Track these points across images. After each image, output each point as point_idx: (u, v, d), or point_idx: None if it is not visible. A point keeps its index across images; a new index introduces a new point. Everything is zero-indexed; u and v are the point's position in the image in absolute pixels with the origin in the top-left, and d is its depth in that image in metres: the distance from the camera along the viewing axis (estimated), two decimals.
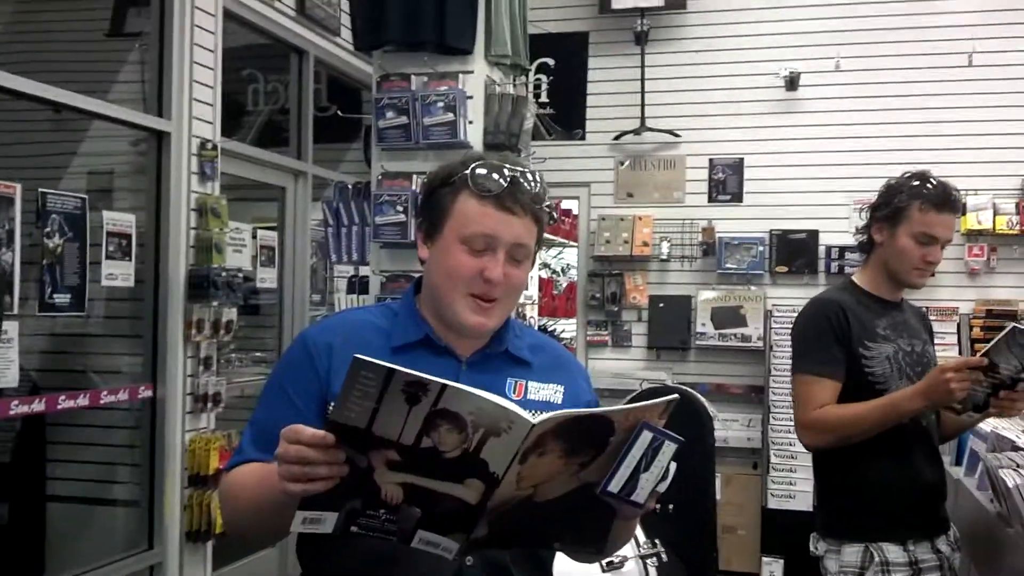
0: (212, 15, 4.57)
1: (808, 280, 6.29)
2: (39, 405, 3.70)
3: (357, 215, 4.63)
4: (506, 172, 1.62)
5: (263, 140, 5.62)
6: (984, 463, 3.04)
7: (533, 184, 1.64)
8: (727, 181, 6.49)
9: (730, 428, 6.24)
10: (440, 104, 4.24)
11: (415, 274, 1.77)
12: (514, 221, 1.62)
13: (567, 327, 7.44)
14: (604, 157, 6.70)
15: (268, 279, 5.19)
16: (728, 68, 6.43)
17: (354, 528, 1.37)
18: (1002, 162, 6.00)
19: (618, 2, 6.40)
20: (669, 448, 1.40)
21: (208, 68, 4.54)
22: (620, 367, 6.52)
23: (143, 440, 4.39)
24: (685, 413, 4.09)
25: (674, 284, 6.55)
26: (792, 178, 6.34)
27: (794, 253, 6.35)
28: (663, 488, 1.44)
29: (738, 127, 6.43)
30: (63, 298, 3.70)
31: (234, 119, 5.37)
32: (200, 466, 4.38)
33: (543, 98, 5.81)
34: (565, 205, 7.11)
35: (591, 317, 6.69)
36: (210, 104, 4.56)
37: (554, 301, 7.73)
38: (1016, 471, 2.70)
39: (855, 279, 2.92)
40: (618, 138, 6.61)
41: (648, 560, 3.28)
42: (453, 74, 4.30)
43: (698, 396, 4.72)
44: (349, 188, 4.71)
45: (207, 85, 4.54)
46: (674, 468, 1.43)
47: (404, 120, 4.29)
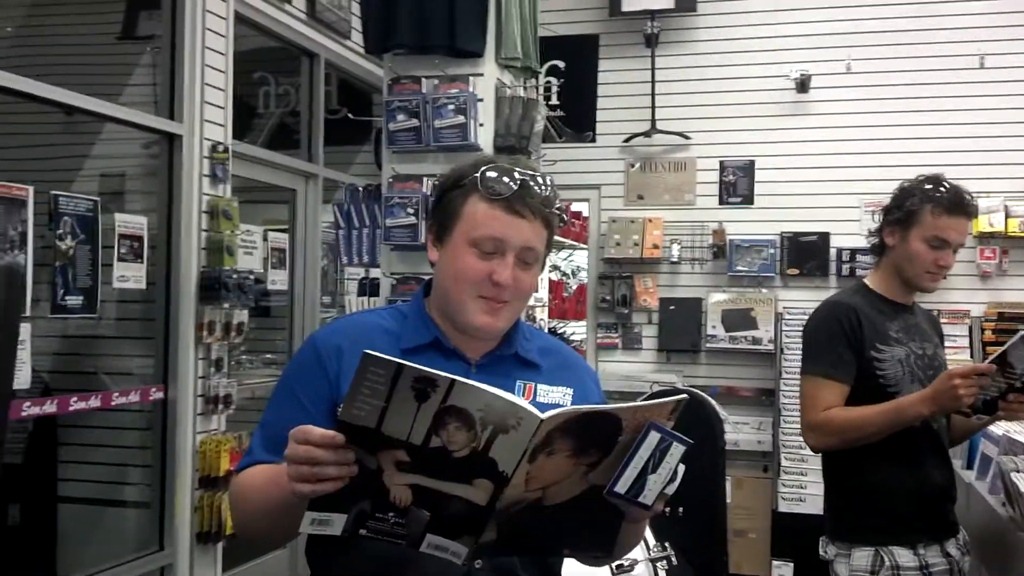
0: (223, 18, 4.59)
1: (819, 283, 6.25)
2: (51, 406, 3.72)
3: (368, 217, 4.65)
4: (516, 175, 1.62)
5: (274, 143, 5.64)
6: (998, 466, 3.02)
7: (543, 188, 1.64)
8: (738, 183, 6.47)
9: (740, 431, 6.22)
10: (451, 107, 4.25)
11: (425, 276, 1.78)
12: (524, 224, 1.62)
13: (577, 329, 7.44)
14: (614, 159, 6.69)
15: (279, 281, 5.21)
16: (738, 70, 6.41)
17: (363, 531, 1.37)
18: (1014, 164, 5.96)
19: (628, 5, 6.39)
20: (677, 450, 1.40)
21: (219, 71, 4.56)
22: (630, 370, 6.50)
23: (154, 441, 4.41)
24: (695, 416, 4.09)
25: (684, 287, 6.53)
26: (803, 180, 6.32)
27: (805, 255, 6.32)
28: (671, 490, 1.43)
29: (749, 129, 6.41)
30: (75, 300, 3.72)
31: (245, 122, 5.39)
32: (211, 468, 4.40)
33: (553, 100, 5.78)
34: (575, 207, 7.12)
35: (601, 320, 6.67)
36: (221, 107, 4.58)
37: (564, 303, 7.75)
38: None
39: (867, 282, 2.91)
40: (628, 140, 6.60)
41: (658, 563, 3.27)
42: (464, 77, 4.31)
43: (708, 399, 4.71)
44: (360, 190, 4.73)
45: (219, 88, 4.55)
46: (682, 470, 1.43)
47: (415, 123, 4.30)
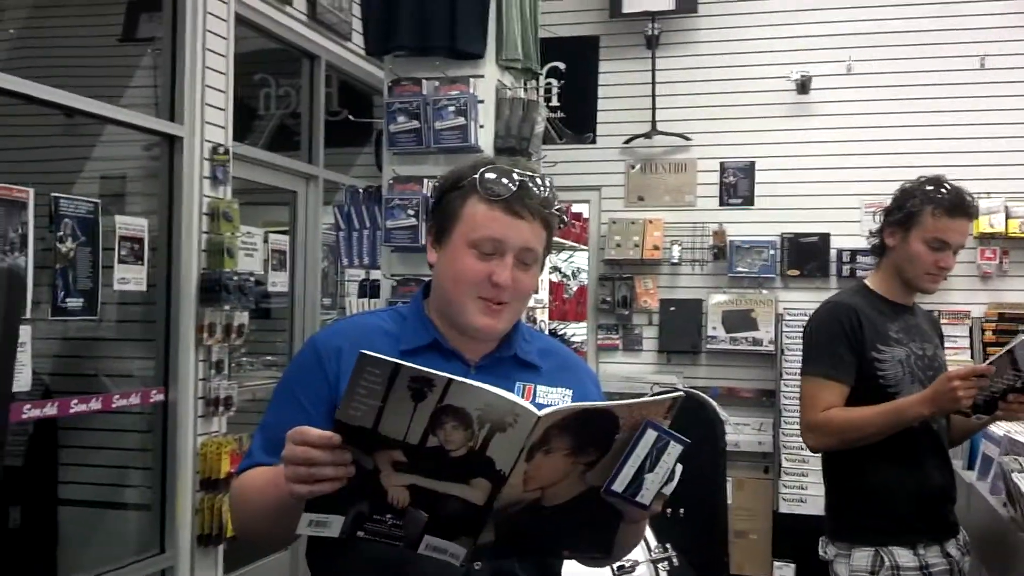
0: (224, 20, 4.59)
1: (820, 284, 6.26)
2: (51, 409, 3.71)
3: (368, 219, 4.64)
4: (515, 176, 1.62)
5: (275, 144, 5.64)
6: (1000, 467, 3.02)
7: (542, 188, 1.64)
8: (738, 184, 6.47)
9: (741, 432, 6.22)
10: (451, 108, 4.25)
11: (426, 278, 1.77)
12: (522, 225, 1.62)
13: (578, 331, 7.44)
14: (615, 161, 6.69)
15: (279, 283, 5.20)
16: (739, 71, 6.42)
17: (361, 533, 1.37)
18: (1015, 165, 5.96)
19: (629, 6, 6.39)
20: (675, 449, 1.40)
21: (220, 73, 4.56)
22: (631, 371, 6.51)
23: (155, 444, 4.41)
24: (696, 417, 4.08)
25: (685, 288, 6.53)
26: (803, 181, 6.32)
27: (806, 256, 6.32)
28: (669, 490, 1.43)
29: (749, 130, 6.41)
30: (75, 302, 3.71)
31: (246, 123, 5.39)
32: (211, 470, 4.39)
33: (554, 102, 5.80)
34: (576, 209, 7.12)
35: (602, 321, 6.67)
36: (222, 109, 4.58)
37: (565, 305, 7.75)
38: None
39: (868, 282, 2.91)
40: (629, 142, 6.60)
41: (659, 564, 3.27)
42: (464, 78, 4.30)
43: (709, 400, 4.70)
44: (360, 192, 4.73)
45: (219, 90, 4.55)
46: (680, 470, 1.42)
47: (415, 124, 4.30)
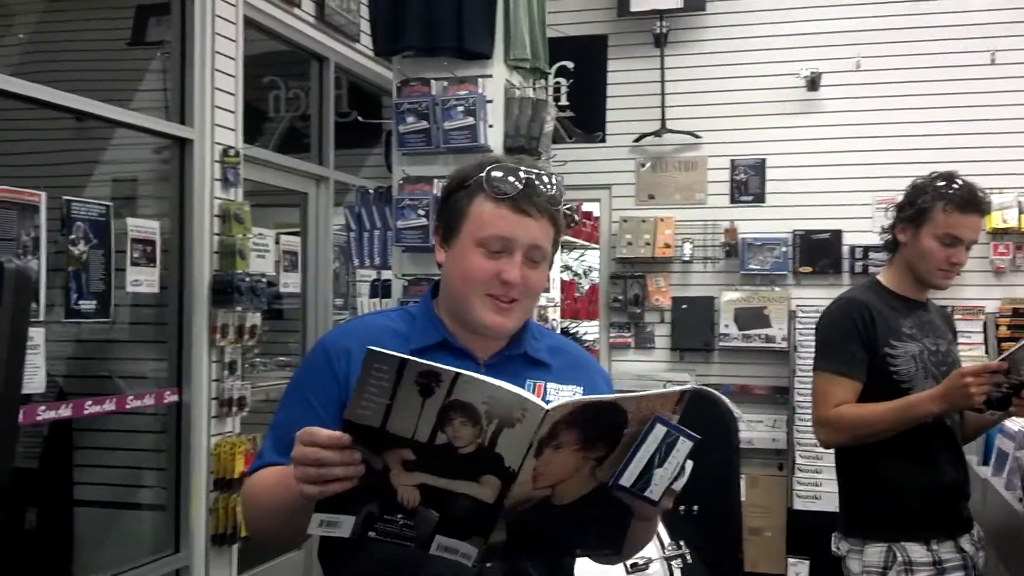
0: (233, 23, 4.61)
1: (832, 280, 6.24)
2: (66, 410, 3.74)
3: (379, 219, 4.65)
4: (521, 174, 1.62)
5: (285, 146, 5.66)
6: (1016, 462, 3.01)
7: (549, 186, 1.64)
8: (749, 182, 6.46)
9: (755, 429, 6.21)
10: (460, 108, 4.25)
11: (437, 277, 1.78)
12: (530, 223, 1.62)
13: (590, 329, 7.43)
14: (625, 159, 6.68)
15: (291, 284, 5.22)
16: (748, 69, 6.40)
17: (372, 534, 1.37)
18: None
19: (637, 4, 6.38)
20: (684, 445, 1.39)
21: (230, 75, 4.58)
22: (643, 369, 6.50)
23: (169, 444, 4.43)
24: (709, 414, 4.07)
25: (697, 286, 6.52)
26: (815, 178, 6.30)
27: (818, 253, 6.30)
28: (679, 486, 1.42)
29: (759, 127, 6.39)
30: (89, 304, 3.74)
31: (256, 126, 5.40)
32: (225, 470, 4.42)
33: (563, 101, 5.79)
34: (586, 207, 7.12)
35: (614, 319, 6.67)
36: (232, 111, 4.60)
37: (576, 303, 7.75)
38: None
39: (880, 278, 2.90)
40: (639, 140, 6.59)
41: (673, 562, 3.26)
42: (473, 78, 4.30)
43: (722, 397, 4.69)
44: (370, 193, 4.74)
45: (229, 92, 4.57)
46: (690, 466, 1.42)
47: (424, 125, 4.30)
